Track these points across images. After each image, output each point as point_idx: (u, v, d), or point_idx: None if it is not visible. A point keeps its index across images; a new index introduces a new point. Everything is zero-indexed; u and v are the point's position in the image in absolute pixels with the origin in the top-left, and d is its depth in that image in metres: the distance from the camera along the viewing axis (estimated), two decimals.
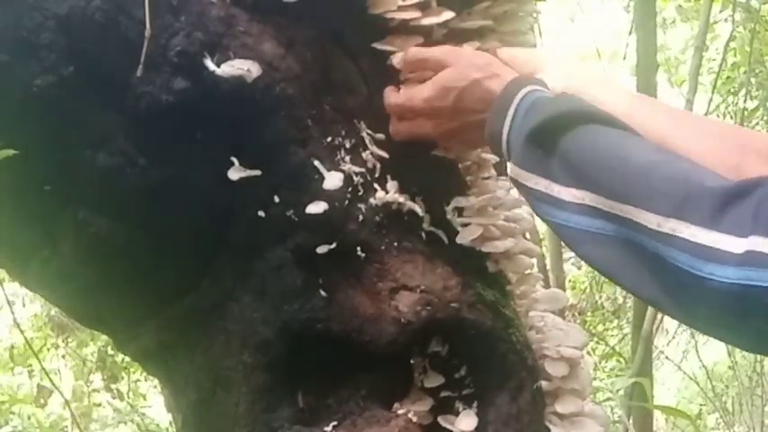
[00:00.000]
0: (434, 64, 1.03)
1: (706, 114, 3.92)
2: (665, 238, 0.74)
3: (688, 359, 5.63)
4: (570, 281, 5.15)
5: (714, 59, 4.58)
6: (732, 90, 4.71)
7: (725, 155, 0.92)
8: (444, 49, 1.05)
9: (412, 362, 1.04)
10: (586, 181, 0.83)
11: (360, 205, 1.01)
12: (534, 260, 1.19)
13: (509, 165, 0.93)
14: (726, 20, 4.37)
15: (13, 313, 2.94)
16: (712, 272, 0.70)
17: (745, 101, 4.41)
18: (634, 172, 0.80)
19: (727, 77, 4.67)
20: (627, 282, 0.83)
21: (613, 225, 0.80)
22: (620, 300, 5.15)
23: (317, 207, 0.97)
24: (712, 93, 4.13)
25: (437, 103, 1.01)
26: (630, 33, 3.50)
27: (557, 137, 0.87)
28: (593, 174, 0.83)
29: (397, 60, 1.06)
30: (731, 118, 4.75)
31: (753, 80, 4.36)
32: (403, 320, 1.01)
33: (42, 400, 3.85)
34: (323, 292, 0.99)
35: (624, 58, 3.19)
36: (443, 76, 1.02)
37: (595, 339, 4.86)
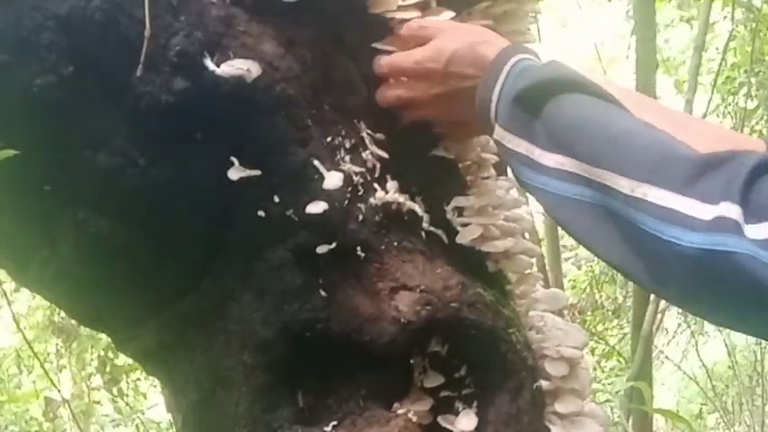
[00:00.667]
0: (434, 31, 1.03)
1: (705, 114, 3.91)
2: (637, 204, 0.75)
3: (688, 359, 5.63)
4: (570, 280, 5.16)
5: (714, 59, 4.58)
6: (732, 90, 4.70)
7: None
8: (444, 20, 1.06)
9: (412, 362, 1.04)
10: (566, 146, 0.84)
11: (360, 205, 1.01)
12: (534, 260, 1.19)
13: (495, 127, 0.94)
14: (725, 18, 4.37)
15: (13, 313, 2.94)
16: (679, 236, 0.71)
17: (746, 101, 4.40)
18: (612, 139, 0.80)
19: (727, 77, 4.67)
20: (600, 248, 0.84)
21: (589, 190, 0.81)
22: (620, 299, 5.15)
23: (316, 207, 0.97)
24: (712, 92, 4.13)
25: (429, 64, 1.01)
26: (632, 35, 3.50)
27: (542, 102, 0.88)
28: (574, 140, 0.84)
29: (402, 31, 1.05)
30: (731, 118, 4.75)
31: (753, 80, 4.36)
32: (403, 320, 1.01)
33: (52, 414, 3.83)
34: (323, 292, 0.99)
35: (627, 58, 3.19)
36: (437, 40, 1.02)
37: (595, 339, 4.87)
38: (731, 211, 0.68)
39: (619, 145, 0.79)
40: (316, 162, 0.98)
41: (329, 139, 1.01)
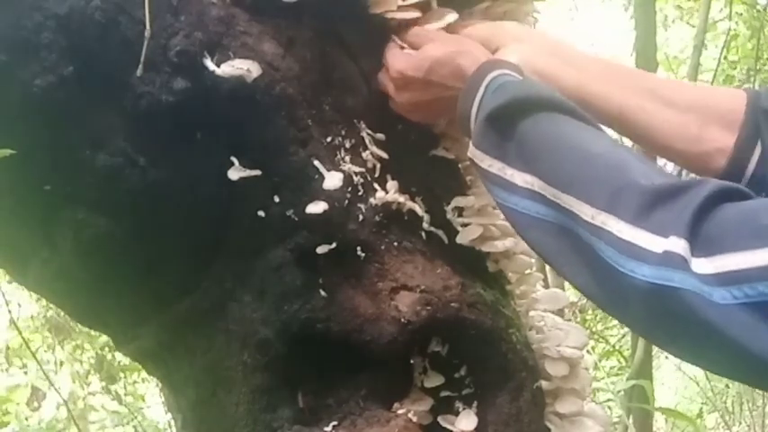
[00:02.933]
0: (426, 41, 1.04)
1: None
2: (597, 231, 0.75)
3: None
4: None
5: (715, 59, 4.57)
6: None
7: (686, 127, 0.95)
8: (436, 31, 1.06)
9: (412, 362, 1.04)
10: (535, 167, 0.84)
11: (360, 205, 1.01)
12: (534, 260, 1.19)
13: (469, 146, 0.94)
14: (722, 19, 4.36)
15: (10, 312, 2.93)
16: (632, 269, 0.71)
17: None
18: (578, 163, 0.81)
19: (727, 76, 4.66)
20: (565, 270, 0.84)
21: (556, 213, 0.81)
22: None
23: (316, 207, 0.97)
24: None
25: (411, 72, 1.02)
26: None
27: (515, 121, 0.87)
28: (543, 160, 0.84)
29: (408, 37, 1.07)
30: None
31: (757, 78, 4.34)
32: (403, 320, 1.01)
33: (36, 403, 3.82)
34: (323, 292, 0.99)
35: (633, 55, 3.19)
36: (422, 50, 1.03)
37: (595, 338, 4.86)
38: (678, 245, 0.68)
39: (582, 169, 0.80)
40: (316, 162, 0.98)
41: (329, 139, 1.01)
